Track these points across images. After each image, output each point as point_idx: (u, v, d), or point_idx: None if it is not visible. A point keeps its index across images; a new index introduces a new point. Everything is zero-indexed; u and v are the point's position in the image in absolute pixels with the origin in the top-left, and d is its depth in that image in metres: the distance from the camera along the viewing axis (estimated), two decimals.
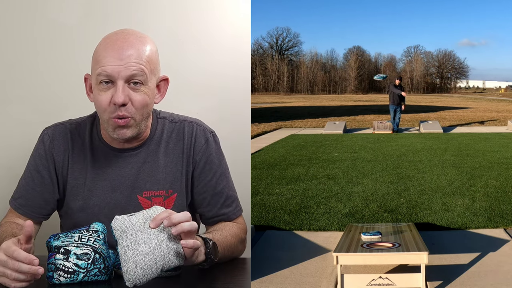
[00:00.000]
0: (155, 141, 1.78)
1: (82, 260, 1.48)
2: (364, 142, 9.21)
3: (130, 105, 1.62)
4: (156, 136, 1.79)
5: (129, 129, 1.66)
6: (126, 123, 1.64)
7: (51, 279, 1.48)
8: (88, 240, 1.51)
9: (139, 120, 1.66)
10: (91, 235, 1.53)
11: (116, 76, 1.59)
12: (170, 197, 1.78)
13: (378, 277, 2.50)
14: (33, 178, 1.79)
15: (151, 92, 1.67)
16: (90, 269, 1.49)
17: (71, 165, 1.77)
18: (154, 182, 1.77)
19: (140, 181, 1.76)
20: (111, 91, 1.61)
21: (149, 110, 1.69)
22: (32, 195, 1.79)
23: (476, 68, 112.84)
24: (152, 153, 1.77)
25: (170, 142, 1.80)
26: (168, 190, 1.78)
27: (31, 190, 1.79)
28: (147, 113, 1.69)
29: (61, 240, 1.50)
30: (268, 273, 2.80)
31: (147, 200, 1.76)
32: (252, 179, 5.39)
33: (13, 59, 2.49)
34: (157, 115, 1.82)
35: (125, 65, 1.58)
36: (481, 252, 3.10)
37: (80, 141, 1.78)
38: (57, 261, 1.48)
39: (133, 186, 1.76)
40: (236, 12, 2.55)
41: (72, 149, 1.78)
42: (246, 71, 2.57)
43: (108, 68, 1.58)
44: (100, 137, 1.77)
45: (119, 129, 1.65)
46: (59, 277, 1.47)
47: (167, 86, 1.76)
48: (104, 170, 1.76)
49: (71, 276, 1.47)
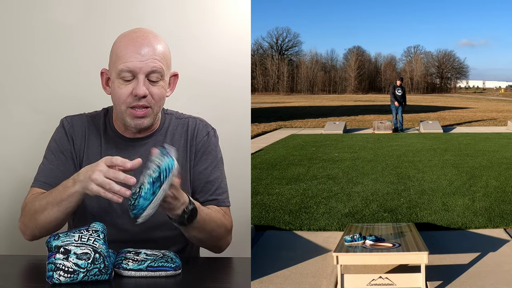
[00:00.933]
0: (162, 132, 1.93)
1: (82, 259, 1.48)
2: (364, 142, 9.22)
3: (149, 97, 1.77)
4: (163, 129, 1.94)
5: (146, 119, 1.81)
6: (145, 114, 1.79)
7: (51, 279, 1.47)
8: (88, 240, 1.52)
9: (156, 111, 1.83)
10: (91, 234, 1.53)
11: (138, 71, 1.74)
12: None
13: (378, 277, 2.50)
14: (57, 158, 1.87)
15: (167, 85, 1.84)
16: (90, 269, 1.49)
17: (86, 150, 1.89)
18: None
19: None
20: (132, 84, 1.75)
21: (163, 103, 1.86)
22: (56, 174, 1.84)
23: (476, 68, 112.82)
24: (159, 143, 1.89)
25: (176, 134, 1.94)
26: None
27: (56, 169, 1.86)
28: (162, 105, 1.86)
29: (61, 240, 1.50)
30: (268, 273, 2.80)
31: None
32: (252, 179, 5.39)
33: (13, 59, 2.49)
34: (164, 111, 1.98)
35: (146, 61, 1.74)
36: (481, 252, 3.10)
37: (95, 130, 1.92)
38: (57, 260, 1.48)
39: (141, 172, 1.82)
40: (236, 12, 2.55)
41: (88, 136, 1.91)
42: (246, 71, 2.57)
43: (131, 64, 1.73)
44: (112, 128, 1.92)
45: (137, 119, 1.79)
46: (59, 276, 1.47)
47: (177, 81, 1.92)
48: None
49: (71, 275, 1.47)
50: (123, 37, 1.79)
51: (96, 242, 1.52)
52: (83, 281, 1.49)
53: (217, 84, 2.54)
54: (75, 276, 1.48)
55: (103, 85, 1.86)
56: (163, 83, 1.80)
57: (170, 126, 1.95)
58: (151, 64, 1.74)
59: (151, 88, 1.77)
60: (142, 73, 1.74)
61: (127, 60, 1.73)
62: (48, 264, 1.49)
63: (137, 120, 1.80)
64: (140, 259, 1.58)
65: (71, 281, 1.47)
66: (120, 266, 1.57)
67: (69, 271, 1.47)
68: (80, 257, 1.48)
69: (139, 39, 1.76)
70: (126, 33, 1.81)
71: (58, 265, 1.47)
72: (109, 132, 1.91)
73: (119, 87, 1.76)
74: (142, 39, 1.76)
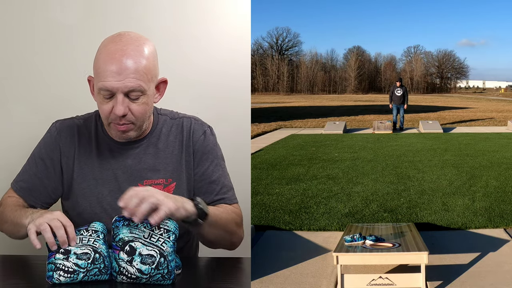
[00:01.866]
0: (156, 134, 1.90)
1: (82, 260, 1.48)
2: (364, 142, 9.22)
3: (130, 115, 1.73)
4: (157, 130, 1.90)
5: (130, 132, 1.78)
6: (127, 128, 1.76)
7: (51, 279, 1.47)
8: (88, 241, 1.52)
9: (139, 125, 1.79)
10: (91, 235, 1.53)
11: (115, 91, 1.69)
12: (170, 185, 1.87)
13: (378, 277, 2.50)
14: (36, 165, 1.88)
15: (150, 98, 1.77)
16: (90, 269, 1.49)
17: (77, 155, 1.87)
18: (155, 171, 1.86)
19: (141, 171, 1.86)
20: (112, 102, 1.71)
21: (148, 114, 1.81)
22: (33, 180, 1.87)
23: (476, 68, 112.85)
24: (153, 145, 1.88)
25: (170, 136, 1.90)
26: (167, 179, 1.87)
27: (33, 175, 1.87)
28: (147, 117, 1.80)
29: None
30: (268, 273, 2.80)
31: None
32: (252, 179, 5.39)
33: (13, 59, 2.49)
34: (158, 112, 1.94)
35: (123, 81, 1.67)
36: (481, 252, 3.10)
37: (87, 134, 1.89)
38: (57, 260, 1.48)
39: (134, 175, 1.86)
40: (236, 12, 2.55)
41: (79, 141, 1.88)
42: (246, 71, 2.57)
43: (108, 84, 1.68)
44: (104, 132, 1.88)
45: (121, 133, 1.77)
46: (59, 276, 1.47)
47: (166, 86, 1.85)
48: (108, 161, 1.86)
49: (71, 275, 1.47)
50: (103, 47, 1.72)
51: (96, 242, 1.52)
52: (83, 281, 1.49)
53: (217, 84, 2.53)
54: (75, 276, 1.48)
55: (91, 91, 1.82)
56: (145, 98, 1.73)
57: (164, 128, 1.91)
58: (128, 85, 1.67)
59: (131, 105, 1.71)
60: (120, 92, 1.68)
61: (105, 80, 1.68)
62: (48, 264, 1.49)
63: (121, 134, 1.77)
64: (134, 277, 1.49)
65: (71, 281, 1.47)
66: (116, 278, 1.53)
67: (69, 271, 1.47)
68: (80, 257, 1.48)
69: (118, 53, 1.67)
70: (108, 41, 1.73)
71: (58, 265, 1.47)
72: (101, 136, 1.88)
73: (101, 102, 1.73)
74: (121, 54, 1.67)
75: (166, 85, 1.85)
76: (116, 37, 1.73)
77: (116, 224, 1.50)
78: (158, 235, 1.49)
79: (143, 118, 1.78)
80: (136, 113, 1.74)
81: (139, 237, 1.48)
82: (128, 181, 1.83)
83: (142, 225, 1.50)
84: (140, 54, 1.70)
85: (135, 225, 1.49)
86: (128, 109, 1.71)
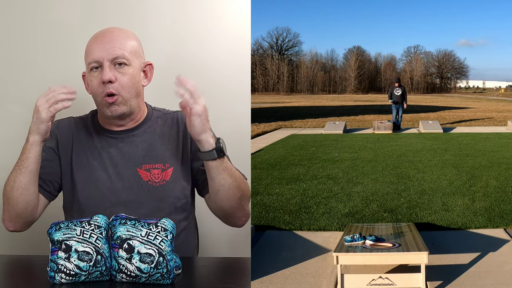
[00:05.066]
0: (151, 123, 2.00)
1: (84, 261, 1.48)
2: (364, 142, 9.22)
3: (117, 84, 1.86)
4: (152, 120, 2.00)
5: (120, 106, 1.88)
6: (115, 100, 1.87)
7: (53, 279, 1.48)
8: (90, 237, 1.50)
9: (127, 98, 1.89)
10: (93, 230, 1.52)
11: (102, 60, 1.85)
12: (167, 170, 1.95)
13: (378, 277, 2.50)
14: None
15: (136, 72, 1.91)
16: (91, 272, 1.49)
17: (75, 146, 1.97)
18: (152, 157, 1.95)
19: (139, 157, 1.95)
20: (100, 73, 1.86)
21: (136, 89, 1.91)
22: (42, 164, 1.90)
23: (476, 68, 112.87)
24: (149, 133, 1.98)
25: (165, 126, 2.00)
26: (165, 164, 1.95)
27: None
28: (134, 92, 1.91)
29: (62, 231, 1.49)
30: (268, 273, 2.80)
31: (146, 172, 1.93)
32: (252, 179, 5.39)
33: (13, 59, 2.49)
34: (152, 108, 2.05)
35: (108, 50, 1.85)
36: (481, 252, 3.10)
37: (84, 128, 2.00)
38: (59, 260, 1.48)
39: (133, 160, 1.94)
40: (236, 12, 2.55)
41: (77, 134, 1.99)
42: (246, 71, 2.57)
43: (95, 55, 1.86)
44: (100, 125, 1.99)
45: (111, 106, 1.87)
46: (61, 279, 1.48)
47: (153, 71, 1.99)
48: (106, 150, 1.95)
49: (73, 278, 1.48)
50: (92, 36, 1.92)
51: (98, 240, 1.51)
52: (85, 281, 1.49)
53: (217, 84, 2.53)
54: (77, 279, 1.48)
55: (85, 87, 1.95)
56: (131, 70, 1.88)
57: (159, 119, 2.01)
58: (113, 52, 1.84)
59: (118, 75, 1.86)
60: (106, 60, 1.84)
61: (93, 53, 1.86)
62: (51, 261, 1.49)
63: (111, 107, 1.87)
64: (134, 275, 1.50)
65: (72, 281, 1.48)
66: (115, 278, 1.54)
67: (71, 274, 1.48)
68: (82, 257, 1.48)
69: (106, 34, 1.89)
70: (97, 33, 1.93)
71: (60, 267, 1.47)
72: (98, 128, 1.99)
73: (91, 80, 1.88)
74: (108, 34, 1.89)
75: (153, 70, 1.99)
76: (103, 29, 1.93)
77: (113, 223, 1.50)
78: (156, 233, 1.50)
79: (129, 90, 1.88)
80: (122, 82, 1.86)
81: (136, 235, 1.48)
82: (126, 167, 1.92)
83: (139, 224, 1.50)
84: (124, 35, 1.91)
85: (132, 223, 1.50)
86: (115, 78, 1.84)
